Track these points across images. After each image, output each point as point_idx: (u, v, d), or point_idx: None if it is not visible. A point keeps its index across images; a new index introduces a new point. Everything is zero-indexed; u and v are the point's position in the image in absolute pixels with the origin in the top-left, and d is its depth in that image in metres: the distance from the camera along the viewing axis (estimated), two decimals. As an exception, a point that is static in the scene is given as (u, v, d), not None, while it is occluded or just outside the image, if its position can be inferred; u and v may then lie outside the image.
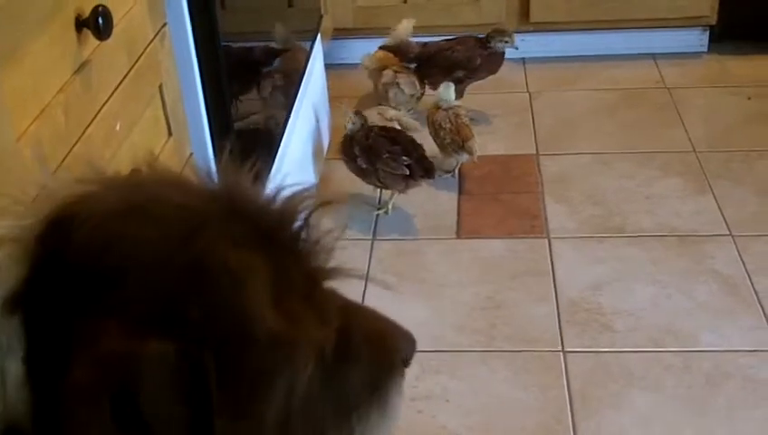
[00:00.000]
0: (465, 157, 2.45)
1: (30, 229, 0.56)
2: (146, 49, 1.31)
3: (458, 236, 2.26)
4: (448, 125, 2.44)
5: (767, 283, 2.03)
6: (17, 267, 0.55)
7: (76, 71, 1.10)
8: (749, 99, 2.79)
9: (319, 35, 2.46)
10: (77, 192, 0.58)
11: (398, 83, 2.69)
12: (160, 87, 1.37)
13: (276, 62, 2.09)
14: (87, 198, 0.57)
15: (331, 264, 0.62)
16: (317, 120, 2.38)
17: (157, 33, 1.35)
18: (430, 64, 2.74)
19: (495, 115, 2.79)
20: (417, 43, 2.77)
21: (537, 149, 2.61)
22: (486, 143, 2.63)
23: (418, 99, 2.74)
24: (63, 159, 1.06)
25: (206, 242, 0.55)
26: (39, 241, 0.56)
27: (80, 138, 1.10)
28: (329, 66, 2.64)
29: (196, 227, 0.56)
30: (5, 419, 0.53)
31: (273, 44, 2.08)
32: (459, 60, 2.70)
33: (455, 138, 2.42)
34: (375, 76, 2.78)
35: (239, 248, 0.56)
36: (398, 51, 2.76)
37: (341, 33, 3.02)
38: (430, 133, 2.48)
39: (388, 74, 2.71)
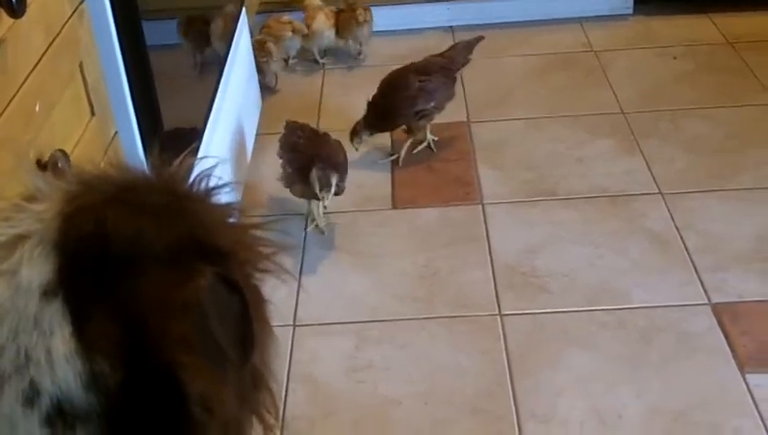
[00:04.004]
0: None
1: (49, 224, 0.63)
2: (63, 27, 1.27)
3: (393, 206, 2.26)
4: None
5: (697, 238, 2.07)
6: (48, 259, 0.62)
7: (-10, 51, 1.07)
8: (674, 58, 2.84)
9: (243, 9, 2.43)
10: (72, 190, 0.66)
11: (366, 21, 2.86)
12: (80, 65, 1.33)
13: (201, 37, 2.05)
14: (84, 194, 0.66)
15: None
16: (245, 96, 2.36)
17: (75, 10, 1.31)
18: None
19: (426, 84, 2.78)
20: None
21: (468, 117, 2.62)
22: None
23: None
24: (-19, 143, 1.03)
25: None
26: (61, 233, 0.63)
27: (-2, 120, 1.07)
28: (256, 41, 2.61)
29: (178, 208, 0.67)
30: (52, 394, 0.60)
31: (197, 19, 2.04)
32: None
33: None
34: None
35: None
36: None
37: (267, 7, 2.98)
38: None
39: (361, 14, 2.86)
